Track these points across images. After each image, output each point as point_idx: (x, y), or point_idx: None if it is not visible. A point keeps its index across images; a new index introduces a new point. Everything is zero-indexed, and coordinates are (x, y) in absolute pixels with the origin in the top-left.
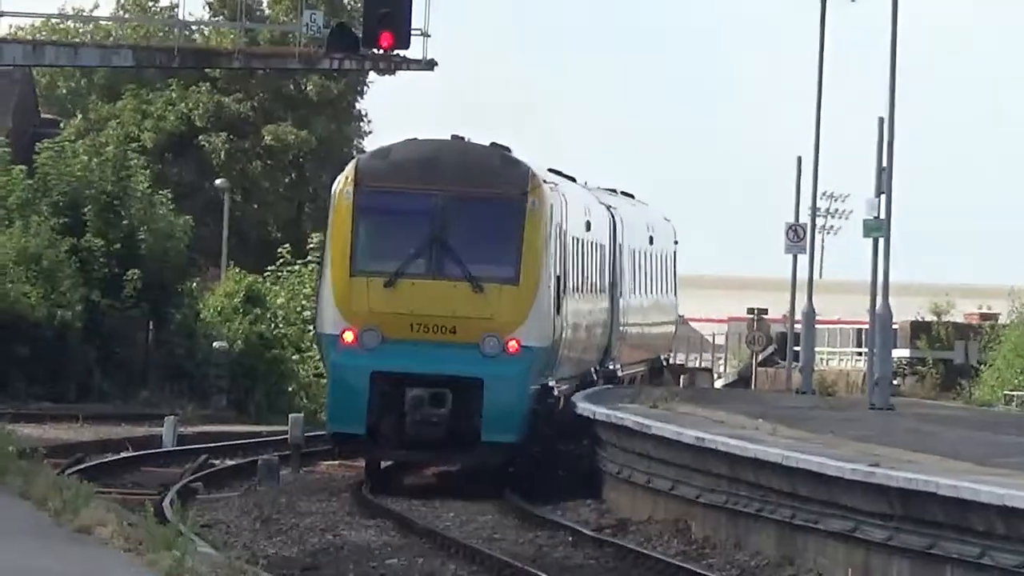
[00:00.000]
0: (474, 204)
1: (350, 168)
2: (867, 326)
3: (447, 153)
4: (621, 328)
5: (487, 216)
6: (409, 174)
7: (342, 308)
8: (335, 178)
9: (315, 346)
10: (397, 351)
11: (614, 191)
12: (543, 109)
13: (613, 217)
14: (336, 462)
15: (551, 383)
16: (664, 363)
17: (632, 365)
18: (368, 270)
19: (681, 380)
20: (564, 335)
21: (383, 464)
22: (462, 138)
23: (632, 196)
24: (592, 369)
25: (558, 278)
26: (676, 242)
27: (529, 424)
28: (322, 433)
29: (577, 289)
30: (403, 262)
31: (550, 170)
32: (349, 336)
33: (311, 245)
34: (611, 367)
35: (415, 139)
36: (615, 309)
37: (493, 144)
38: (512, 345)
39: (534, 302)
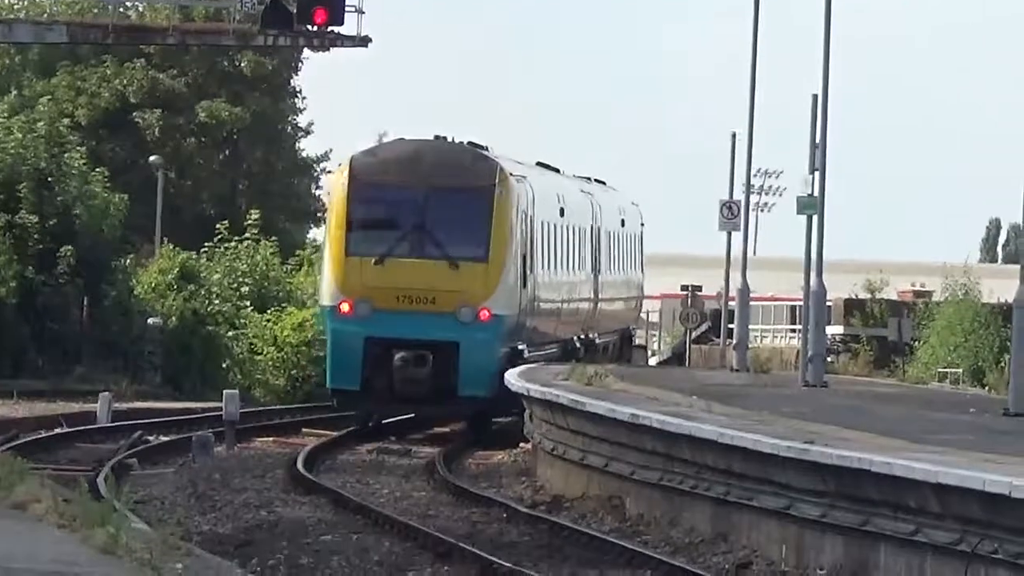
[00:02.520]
0: (450, 195)
1: (345, 164)
2: (801, 303)
3: (428, 151)
4: (600, 301)
5: (461, 205)
6: (395, 169)
7: (339, 283)
8: (266, 156)
9: (246, 323)
10: (386, 319)
11: (589, 179)
12: (477, 84)
13: (592, 203)
14: (271, 438)
15: (521, 347)
16: (632, 332)
17: (608, 334)
18: (361, 251)
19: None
20: (533, 305)
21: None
22: (443, 138)
23: (604, 183)
24: (575, 337)
25: (524, 257)
26: (643, 224)
27: (499, 381)
28: (256, 409)
29: (548, 267)
30: (391, 244)
31: (538, 163)
32: (345, 307)
33: (248, 222)
34: (592, 336)
35: (402, 139)
36: (596, 285)
37: (469, 143)
38: (483, 313)
39: (501, 277)
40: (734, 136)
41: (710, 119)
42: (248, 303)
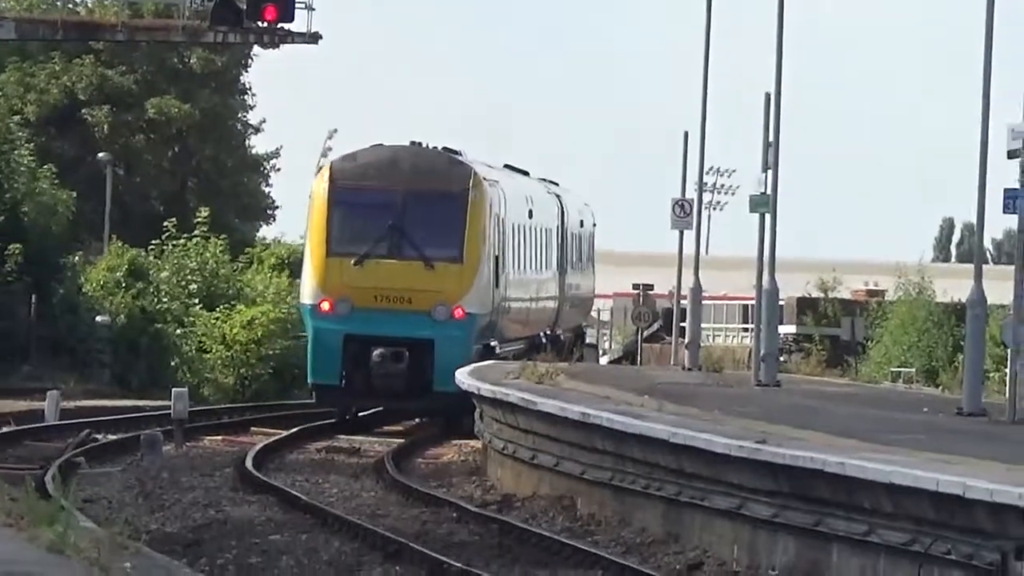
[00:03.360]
0: (426, 198)
1: (325, 169)
2: (753, 302)
3: (404, 156)
4: (566, 298)
5: (436, 208)
6: (374, 174)
7: (320, 283)
8: (216, 153)
9: (195, 321)
10: (365, 317)
11: (543, 180)
12: (423, 81)
13: (561, 205)
14: (220, 437)
15: (492, 343)
16: (583, 331)
17: (568, 330)
18: (341, 252)
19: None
20: (504, 304)
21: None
22: (418, 143)
23: (556, 183)
24: (542, 334)
25: (497, 258)
26: (595, 224)
27: None
28: (205, 408)
29: (518, 267)
30: (369, 245)
31: (505, 166)
32: (326, 305)
33: (197, 219)
34: (557, 332)
35: (380, 145)
36: (562, 284)
37: (444, 148)
38: (458, 312)
39: (475, 277)
40: (686, 135)
41: (663, 117)
42: (197, 301)
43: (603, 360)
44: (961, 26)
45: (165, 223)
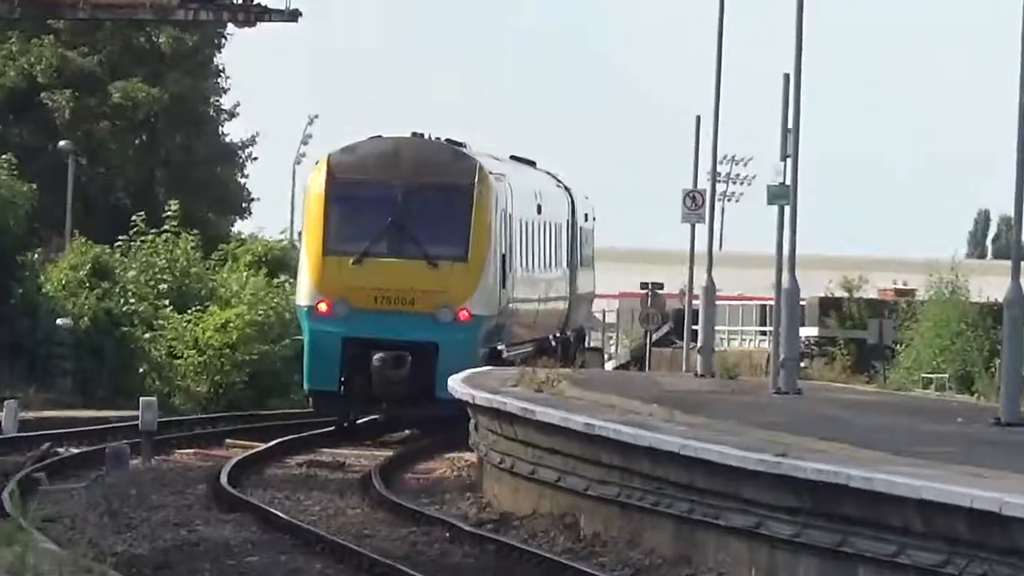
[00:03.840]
0: (429, 193)
1: (322, 162)
2: (772, 302)
3: (406, 148)
4: (576, 297)
5: (440, 203)
6: (374, 167)
7: (317, 283)
8: (187, 141)
9: (165, 324)
10: (364, 319)
11: (549, 173)
12: (415, 66)
13: (572, 198)
14: (192, 450)
15: (500, 347)
16: (585, 333)
17: (575, 330)
18: (339, 250)
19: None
20: (512, 305)
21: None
22: (420, 135)
23: (555, 176)
24: (551, 336)
25: (504, 256)
26: (594, 219)
27: None
28: (176, 418)
29: (526, 265)
30: (369, 243)
31: (512, 157)
32: (323, 307)
33: (167, 213)
34: (568, 334)
35: (380, 136)
36: (571, 282)
37: (447, 140)
38: (463, 314)
39: (481, 276)
40: (698, 119)
41: (672, 100)
42: (167, 302)
43: (609, 365)
44: (1001, 10)
45: (132, 217)
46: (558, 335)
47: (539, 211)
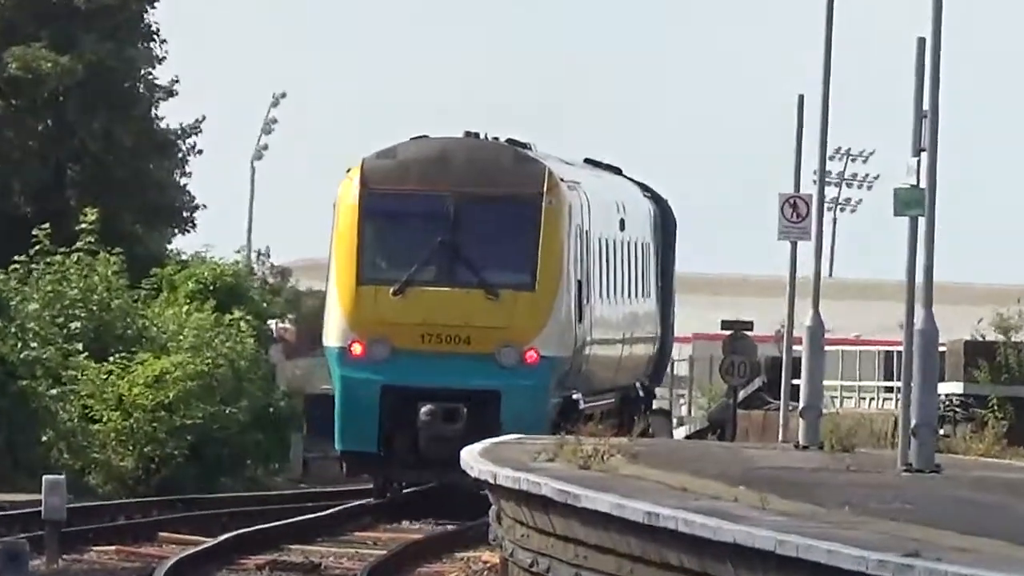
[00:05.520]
0: (486, 205)
1: (355, 170)
2: (900, 349)
3: (457, 151)
4: (669, 335)
5: (501, 218)
6: (418, 174)
7: (349, 319)
8: (108, 126)
9: (77, 376)
10: (408, 363)
11: (619, 170)
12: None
13: (661, 210)
14: (113, 547)
15: (575, 395)
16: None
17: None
18: (376, 278)
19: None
20: (589, 345)
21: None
22: (475, 135)
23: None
24: (637, 383)
25: (579, 283)
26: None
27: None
28: (92, 503)
29: (607, 295)
30: (413, 269)
31: (586, 160)
32: (357, 348)
33: (81, 225)
34: (654, 383)
35: (425, 136)
36: (666, 314)
37: (508, 140)
38: (530, 355)
39: (553, 309)
40: (801, 100)
41: (765, 79)
42: (80, 347)
43: (679, 433)
44: None
45: (34, 231)
46: (646, 383)
47: (622, 227)
